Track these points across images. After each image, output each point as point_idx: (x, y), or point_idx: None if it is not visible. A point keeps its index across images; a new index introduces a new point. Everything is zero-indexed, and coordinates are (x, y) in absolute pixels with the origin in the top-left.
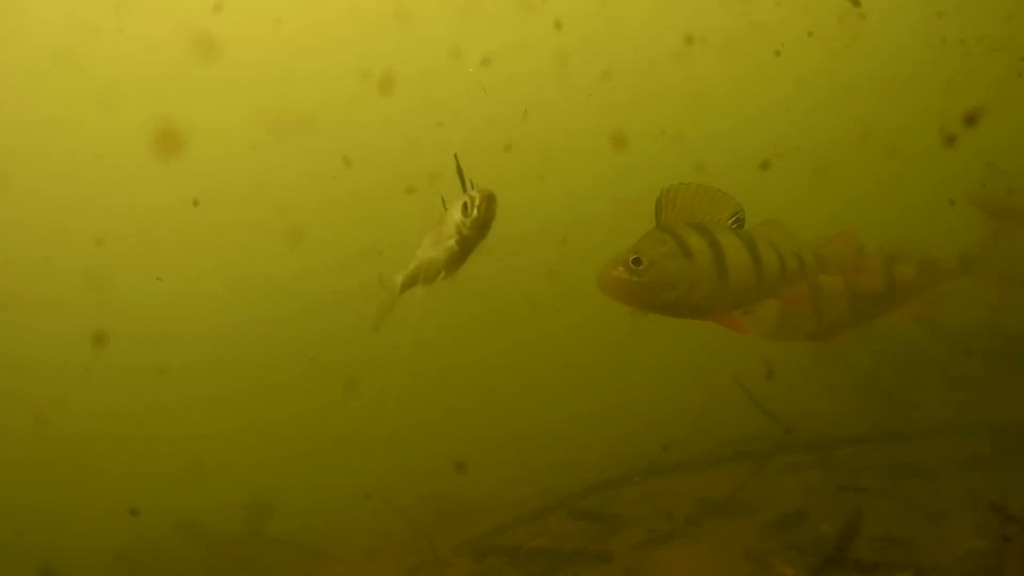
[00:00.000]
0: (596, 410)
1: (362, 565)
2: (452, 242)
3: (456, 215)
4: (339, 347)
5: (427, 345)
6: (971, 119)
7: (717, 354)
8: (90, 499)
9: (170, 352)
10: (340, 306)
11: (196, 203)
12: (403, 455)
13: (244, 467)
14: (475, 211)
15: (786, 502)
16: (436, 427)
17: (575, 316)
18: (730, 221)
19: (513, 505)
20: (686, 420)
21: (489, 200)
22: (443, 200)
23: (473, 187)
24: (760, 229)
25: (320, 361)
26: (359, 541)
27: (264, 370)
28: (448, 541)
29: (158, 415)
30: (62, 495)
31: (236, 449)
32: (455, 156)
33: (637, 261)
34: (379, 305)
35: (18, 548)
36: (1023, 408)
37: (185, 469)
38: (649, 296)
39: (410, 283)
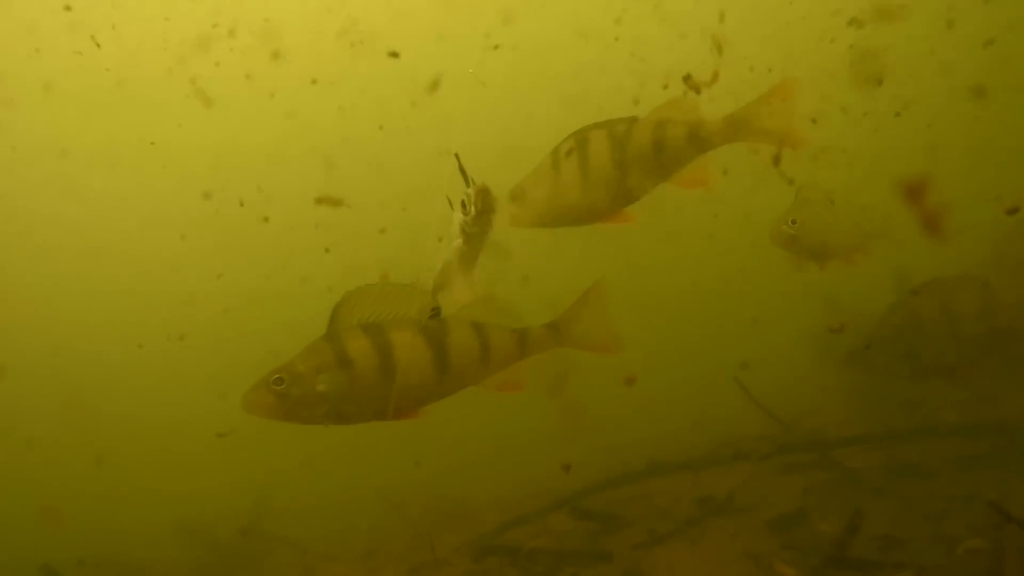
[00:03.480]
0: (596, 410)
1: (362, 565)
2: (459, 241)
3: (458, 214)
4: None
5: None
6: None
7: (717, 354)
8: (91, 499)
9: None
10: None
11: None
12: (404, 455)
13: (244, 467)
14: (472, 208)
15: (786, 502)
16: (437, 427)
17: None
18: (422, 310)
19: (513, 505)
20: (686, 420)
21: (484, 194)
22: (449, 200)
23: (474, 184)
24: (471, 310)
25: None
26: (359, 541)
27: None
28: (448, 541)
29: (158, 414)
30: (62, 495)
31: (236, 449)
32: (456, 156)
33: (279, 381)
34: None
35: (18, 548)
36: (1023, 408)
37: (185, 469)
38: (298, 412)
39: (439, 287)
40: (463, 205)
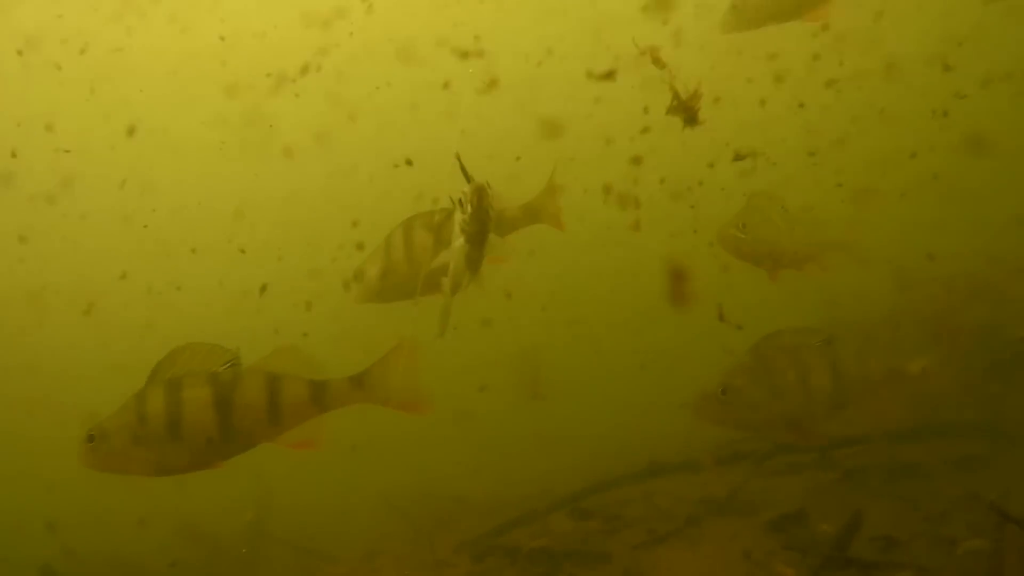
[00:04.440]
0: (596, 410)
1: (362, 565)
2: (462, 240)
3: (459, 213)
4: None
5: (426, 346)
6: None
7: (717, 354)
8: (91, 499)
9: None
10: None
11: None
12: (404, 456)
13: (244, 467)
14: (469, 206)
15: (786, 502)
16: (437, 428)
17: (574, 316)
18: (224, 367)
19: (513, 505)
20: (686, 420)
21: (479, 192)
22: (452, 201)
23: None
24: (269, 361)
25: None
26: (359, 541)
27: None
28: (448, 541)
29: None
30: (63, 496)
31: None
32: (457, 156)
33: (91, 438)
34: (440, 311)
35: (18, 548)
36: (1023, 408)
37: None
38: (112, 465)
39: (453, 288)
40: (460, 204)
